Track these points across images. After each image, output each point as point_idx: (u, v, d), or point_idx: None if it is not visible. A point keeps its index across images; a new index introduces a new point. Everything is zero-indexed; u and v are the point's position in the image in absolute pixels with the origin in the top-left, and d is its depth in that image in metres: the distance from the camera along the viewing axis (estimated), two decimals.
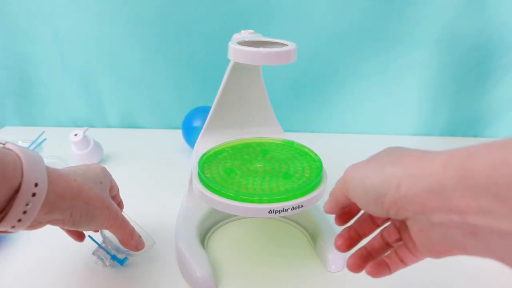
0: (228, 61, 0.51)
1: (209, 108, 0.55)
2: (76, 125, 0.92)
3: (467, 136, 0.90)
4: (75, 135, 0.71)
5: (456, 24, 0.80)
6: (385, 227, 0.35)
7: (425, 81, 0.86)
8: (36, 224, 0.36)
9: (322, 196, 0.46)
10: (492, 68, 0.83)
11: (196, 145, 0.56)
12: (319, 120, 0.91)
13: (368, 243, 0.36)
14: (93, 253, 0.47)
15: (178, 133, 0.79)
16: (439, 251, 0.27)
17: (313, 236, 0.53)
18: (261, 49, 0.44)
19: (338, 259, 0.48)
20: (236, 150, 0.53)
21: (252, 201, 0.42)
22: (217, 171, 0.48)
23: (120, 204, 0.49)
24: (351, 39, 0.82)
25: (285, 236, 0.55)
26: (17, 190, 0.31)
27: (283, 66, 0.45)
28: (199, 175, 0.47)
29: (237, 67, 0.51)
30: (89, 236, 0.48)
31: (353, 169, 0.31)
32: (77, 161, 0.73)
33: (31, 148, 0.73)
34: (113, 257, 0.47)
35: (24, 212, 0.32)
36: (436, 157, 0.25)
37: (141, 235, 0.47)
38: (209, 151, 0.52)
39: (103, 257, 0.47)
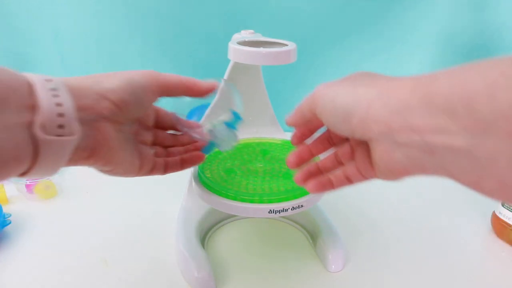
0: (228, 61, 0.51)
1: (208, 104, 0.55)
2: None
3: None
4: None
5: (456, 24, 0.80)
6: (340, 147, 0.36)
7: None
8: (98, 136, 0.31)
9: (322, 196, 0.46)
10: None
11: None
12: None
13: (321, 161, 0.37)
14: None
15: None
16: (399, 172, 0.29)
17: (313, 236, 0.53)
18: (261, 49, 0.44)
19: (338, 259, 0.48)
20: (236, 150, 0.53)
21: (252, 201, 0.42)
22: (217, 171, 0.48)
23: None
24: (351, 39, 0.82)
25: (285, 236, 0.55)
26: (32, 107, 0.26)
27: (283, 66, 0.45)
28: (199, 175, 0.47)
29: (237, 67, 0.51)
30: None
31: (325, 87, 0.32)
32: None
33: None
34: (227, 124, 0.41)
35: (54, 95, 0.27)
36: (405, 81, 0.27)
37: None
38: None
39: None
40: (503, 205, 0.53)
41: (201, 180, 0.46)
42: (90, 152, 0.32)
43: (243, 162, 0.50)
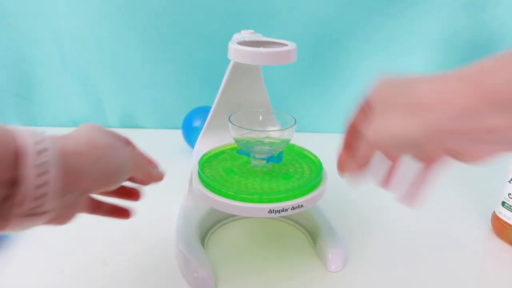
0: (228, 61, 0.51)
1: (209, 108, 0.55)
2: (76, 125, 0.90)
3: None
4: None
5: (456, 24, 0.80)
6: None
7: None
8: (68, 209, 0.30)
9: (322, 196, 0.46)
10: None
11: (196, 145, 0.56)
12: (319, 120, 0.91)
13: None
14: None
15: (178, 133, 0.79)
16: (485, 158, 0.30)
17: (313, 236, 0.53)
18: (261, 49, 0.44)
19: (338, 259, 0.48)
20: (236, 150, 0.53)
21: (252, 201, 0.42)
22: (217, 171, 0.48)
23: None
24: (351, 39, 0.82)
25: (285, 236, 0.55)
26: (17, 155, 0.25)
27: (283, 66, 0.45)
28: (199, 174, 0.47)
29: (237, 67, 0.51)
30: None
31: (374, 129, 0.31)
32: None
33: None
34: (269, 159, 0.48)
35: (41, 175, 0.25)
36: (453, 83, 0.26)
37: None
38: (209, 152, 0.52)
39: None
40: (503, 205, 0.53)
41: (201, 179, 0.46)
42: (55, 220, 0.31)
43: (243, 162, 0.50)
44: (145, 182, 0.41)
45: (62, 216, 0.31)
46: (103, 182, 0.32)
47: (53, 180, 0.26)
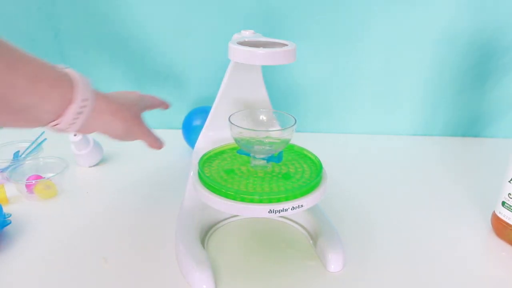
0: (228, 61, 0.51)
1: (209, 108, 0.55)
2: None
3: (467, 136, 0.91)
4: (75, 135, 0.71)
5: (456, 24, 0.80)
6: None
7: (425, 81, 0.86)
8: (85, 129, 0.44)
9: (322, 196, 0.46)
10: (492, 68, 0.83)
11: (196, 145, 0.56)
12: (319, 120, 0.91)
13: None
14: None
15: (178, 133, 0.79)
16: None
17: (313, 236, 0.53)
18: (261, 49, 0.44)
19: (338, 259, 0.48)
20: (236, 150, 0.53)
21: (252, 201, 0.42)
22: (217, 171, 0.48)
23: (163, 104, 0.61)
24: (351, 39, 0.82)
25: (285, 236, 0.55)
26: (72, 101, 0.40)
27: (284, 66, 0.46)
28: (199, 174, 0.47)
29: (237, 67, 0.51)
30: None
31: None
32: (77, 161, 0.73)
33: (31, 147, 0.73)
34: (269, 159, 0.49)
35: (75, 118, 0.41)
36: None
37: None
38: (209, 152, 0.52)
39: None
40: (503, 205, 0.53)
41: (201, 179, 0.46)
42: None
43: (243, 162, 0.50)
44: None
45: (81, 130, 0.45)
46: (104, 133, 0.48)
47: (79, 122, 0.42)
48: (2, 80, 0.35)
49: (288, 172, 0.48)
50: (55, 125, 0.41)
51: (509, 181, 0.52)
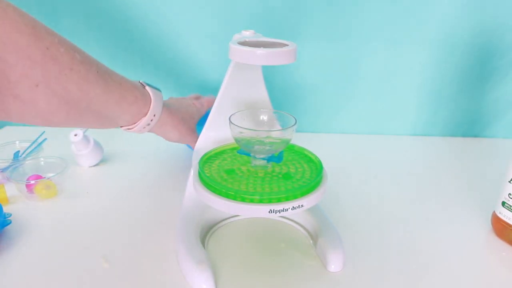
0: (228, 61, 0.51)
1: (208, 110, 0.55)
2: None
3: (467, 136, 0.91)
4: (75, 135, 0.71)
5: (456, 24, 0.80)
6: None
7: (425, 81, 0.86)
8: (150, 132, 0.59)
9: (322, 196, 0.46)
10: (492, 69, 0.83)
11: (196, 145, 0.56)
12: (319, 120, 0.91)
13: None
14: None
15: None
16: None
17: (313, 236, 0.53)
18: (261, 49, 0.44)
19: (338, 259, 0.48)
20: (237, 150, 0.53)
21: (252, 201, 0.42)
22: (217, 171, 0.48)
23: (209, 102, 0.70)
24: (351, 39, 0.82)
25: (285, 236, 0.55)
26: (145, 114, 0.55)
27: (284, 66, 0.46)
28: (199, 174, 0.47)
29: (238, 67, 0.51)
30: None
31: None
32: (77, 161, 0.73)
33: (31, 147, 0.73)
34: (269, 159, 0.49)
35: (144, 128, 0.56)
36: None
37: None
38: (209, 152, 0.52)
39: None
40: (503, 205, 0.53)
41: (201, 179, 0.46)
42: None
43: (243, 162, 0.50)
44: None
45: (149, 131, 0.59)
46: (167, 140, 0.64)
47: (146, 130, 0.57)
48: (98, 100, 0.48)
49: (288, 172, 0.48)
50: (128, 129, 0.56)
51: (509, 181, 0.52)
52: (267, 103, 0.57)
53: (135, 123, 0.55)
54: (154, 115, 0.55)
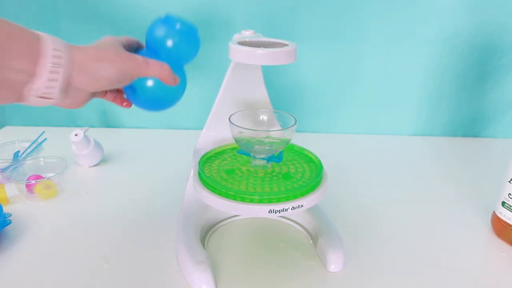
0: (229, 61, 0.51)
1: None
2: (76, 125, 0.92)
3: (467, 136, 0.91)
4: (76, 135, 0.71)
5: (456, 24, 0.80)
6: None
7: (425, 81, 0.86)
8: (75, 91, 0.40)
9: (322, 196, 0.46)
10: (492, 68, 0.83)
11: (196, 145, 0.56)
12: (319, 120, 0.91)
13: None
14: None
15: (179, 133, 0.79)
16: None
17: (313, 236, 0.53)
18: (261, 49, 0.44)
19: (338, 259, 0.48)
20: (237, 150, 0.53)
21: (252, 201, 0.42)
22: (217, 171, 0.48)
23: (137, 43, 0.56)
24: (351, 39, 0.82)
25: (285, 236, 0.55)
26: (40, 54, 0.36)
27: (284, 66, 0.46)
28: (199, 174, 0.47)
29: (238, 67, 0.51)
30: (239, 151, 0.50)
31: None
32: (77, 161, 0.73)
33: (31, 147, 0.73)
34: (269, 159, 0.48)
35: (52, 75, 0.36)
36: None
37: None
38: (209, 152, 0.52)
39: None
40: (503, 205, 0.53)
41: (201, 179, 0.46)
42: (67, 106, 0.43)
43: (243, 162, 0.50)
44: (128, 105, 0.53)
45: (71, 104, 0.43)
46: (98, 86, 0.41)
47: (60, 79, 0.37)
48: None
49: (288, 172, 0.48)
50: (34, 91, 0.36)
51: (509, 181, 0.52)
52: (267, 103, 0.57)
53: (34, 74, 0.36)
54: (59, 51, 0.38)
